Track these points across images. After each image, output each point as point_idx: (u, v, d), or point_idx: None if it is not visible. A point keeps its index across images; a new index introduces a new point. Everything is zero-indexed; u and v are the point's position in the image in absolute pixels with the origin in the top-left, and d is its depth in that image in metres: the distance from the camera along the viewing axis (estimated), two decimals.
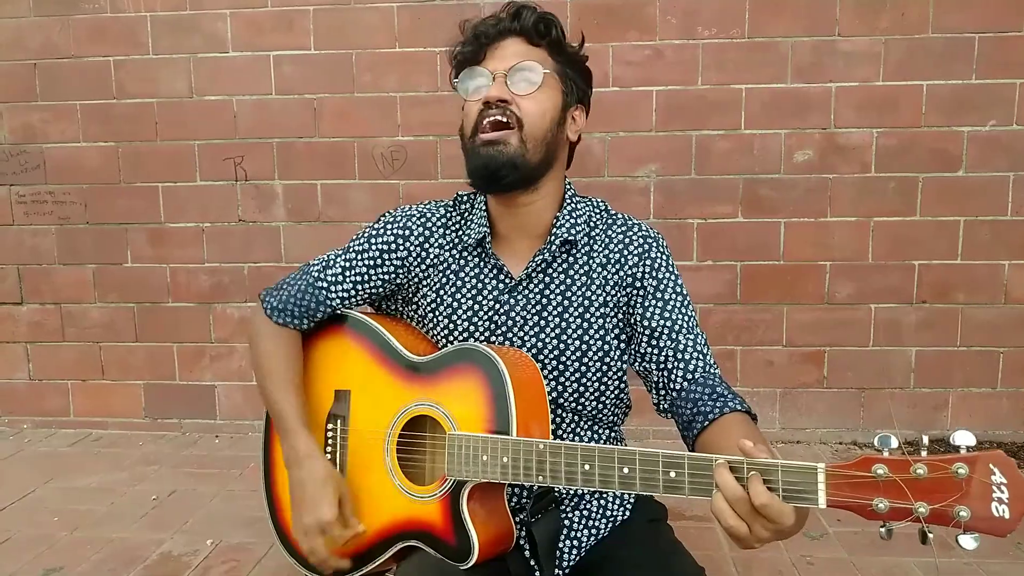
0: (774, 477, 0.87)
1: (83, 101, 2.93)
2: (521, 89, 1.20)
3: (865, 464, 0.83)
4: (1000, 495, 0.78)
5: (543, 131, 1.20)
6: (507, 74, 1.20)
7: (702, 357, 1.21)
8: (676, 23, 2.71)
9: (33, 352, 3.09)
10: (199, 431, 3.05)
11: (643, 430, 2.79)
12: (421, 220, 1.32)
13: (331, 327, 1.35)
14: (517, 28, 1.23)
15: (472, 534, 1.11)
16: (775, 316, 2.81)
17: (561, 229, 1.25)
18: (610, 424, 1.33)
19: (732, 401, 1.16)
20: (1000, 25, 2.62)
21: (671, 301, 1.23)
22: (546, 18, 1.24)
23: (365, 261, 1.31)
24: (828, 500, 0.85)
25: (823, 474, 0.85)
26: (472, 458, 1.10)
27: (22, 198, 3.00)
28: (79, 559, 2.05)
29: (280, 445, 1.40)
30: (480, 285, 1.27)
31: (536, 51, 1.23)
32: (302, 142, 2.89)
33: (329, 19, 2.81)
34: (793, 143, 2.73)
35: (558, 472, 1.04)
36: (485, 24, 1.25)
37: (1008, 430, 2.80)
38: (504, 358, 1.14)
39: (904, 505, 0.81)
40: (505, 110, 1.19)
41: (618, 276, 1.25)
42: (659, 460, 0.96)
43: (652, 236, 1.29)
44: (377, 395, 1.25)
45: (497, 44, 1.23)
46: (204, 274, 2.98)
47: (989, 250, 2.73)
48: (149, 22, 2.87)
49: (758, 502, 0.86)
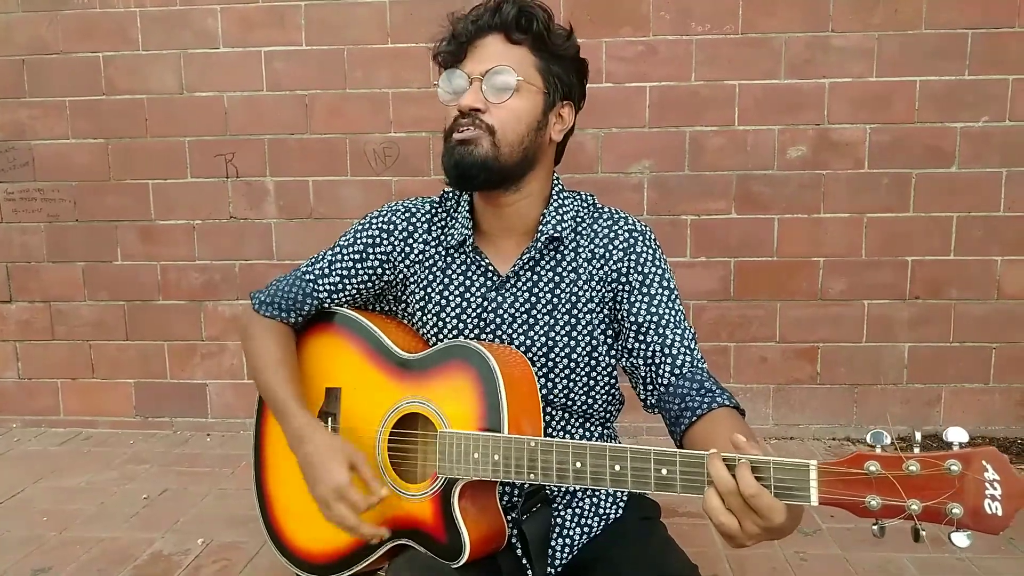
0: (766, 474, 0.87)
1: (72, 97, 2.91)
2: (494, 96, 1.17)
3: (857, 461, 0.82)
4: (993, 492, 0.78)
5: (518, 136, 1.18)
6: (482, 78, 1.17)
7: (689, 352, 1.20)
8: (669, 19, 2.70)
9: (22, 351, 3.07)
10: (190, 430, 3.03)
11: (636, 426, 2.79)
12: (405, 215, 1.31)
13: (321, 325, 1.35)
14: (497, 23, 1.18)
15: (463, 532, 1.10)
16: (768, 312, 2.81)
17: (547, 226, 1.24)
18: (602, 421, 1.32)
19: (720, 396, 1.14)
20: (993, 21, 2.62)
21: (657, 295, 1.22)
22: (527, 11, 1.18)
23: (351, 255, 1.31)
24: (820, 497, 0.84)
25: (815, 471, 0.85)
26: (463, 456, 1.09)
27: (11, 195, 2.98)
28: (69, 559, 2.03)
29: (269, 440, 1.39)
30: (468, 283, 1.27)
31: (515, 50, 1.19)
32: (294, 138, 2.88)
33: (321, 14, 2.80)
34: (786, 139, 2.73)
35: (549, 470, 1.03)
36: (465, 20, 1.20)
37: (1001, 425, 2.80)
38: (495, 355, 1.13)
39: (897, 502, 0.80)
40: (475, 119, 1.17)
41: (604, 271, 1.24)
42: (651, 457, 0.95)
43: (639, 229, 1.27)
44: (368, 393, 1.24)
45: (476, 42, 1.20)
46: (195, 272, 2.96)
47: (982, 246, 2.73)
48: (139, 18, 2.84)
49: (747, 492, 0.85)
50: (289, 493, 1.33)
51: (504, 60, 1.17)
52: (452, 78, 1.20)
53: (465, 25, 1.20)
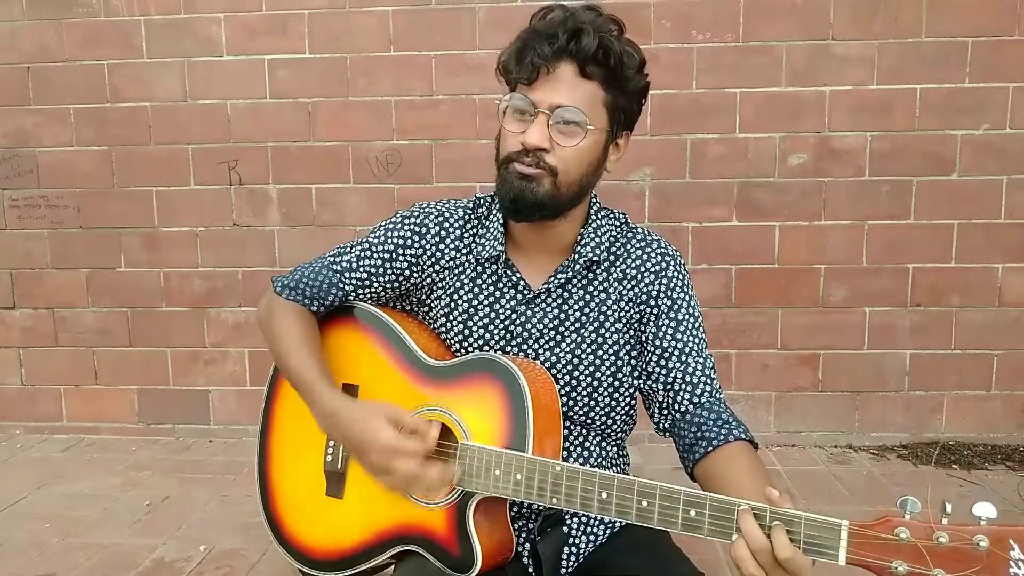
0: (796, 529, 0.88)
1: (77, 105, 2.92)
2: (560, 137, 1.13)
3: (887, 526, 0.84)
4: (1018, 571, 0.80)
5: (579, 175, 1.17)
6: (551, 114, 1.12)
7: (710, 381, 1.20)
8: (671, 27, 2.71)
9: (26, 357, 3.08)
10: (193, 436, 3.03)
11: (639, 433, 2.78)
12: (439, 219, 1.29)
13: (343, 318, 1.32)
14: (573, 52, 1.12)
15: (476, 547, 1.09)
16: (770, 319, 2.82)
17: (586, 248, 1.23)
18: (617, 440, 1.32)
19: (737, 429, 1.15)
20: (993, 29, 2.64)
21: (684, 322, 1.22)
22: (606, 46, 1.12)
23: (380, 254, 1.29)
24: (848, 558, 0.86)
25: (846, 531, 0.86)
26: (483, 471, 1.08)
27: (15, 202, 2.99)
28: (71, 566, 2.03)
29: (276, 432, 1.36)
30: (498, 294, 1.25)
31: (587, 85, 1.13)
32: (296, 146, 2.89)
33: (324, 23, 2.81)
34: (787, 146, 2.74)
35: (573, 496, 1.03)
36: (541, 41, 1.12)
37: (1002, 433, 2.80)
38: (525, 373, 1.11)
39: (923, 571, 0.82)
40: (539, 159, 1.14)
41: (633, 292, 1.24)
42: (680, 498, 0.95)
43: (670, 254, 1.28)
44: (387, 393, 1.22)
45: (549, 67, 1.12)
46: (198, 278, 2.97)
47: (983, 253, 2.74)
48: (143, 26, 2.86)
49: (781, 556, 0.86)
50: (297, 487, 1.31)
51: (575, 96, 1.13)
52: (519, 100, 1.15)
53: (540, 49, 1.12)
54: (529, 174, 1.14)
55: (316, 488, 1.28)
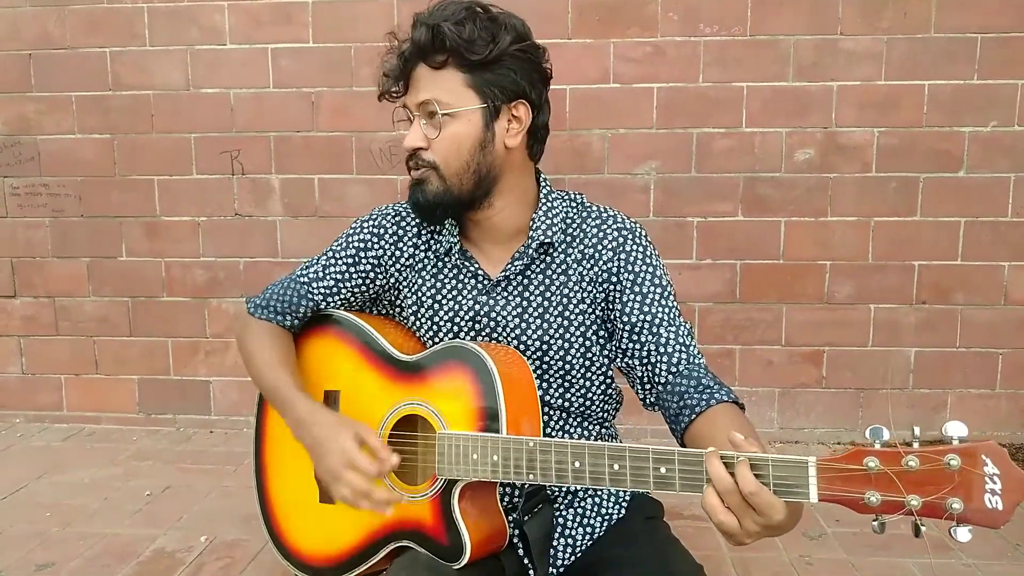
0: (765, 472, 0.86)
1: (78, 92, 2.91)
2: (431, 131, 1.17)
3: (856, 457, 0.82)
4: (993, 486, 0.77)
5: (462, 162, 1.17)
6: (417, 114, 1.19)
7: (685, 348, 1.19)
8: (678, 20, 2.69)
9: (26, 346, 3.07)
10: (194, 426, 3.02)
11: (640, 429, 2.78)
12: (395, 219, 1.32)
13: (320, 328, 1.35)
14: (416, 52, 1.17)
15: (464, 534, 1.10)
16: (774, 315, 2.80)
17: (537, 232, 1.23)
18: (600, 420, 1.32)
19: (718, 392, 1.14)
20: (1002, 25, 2.61)
21: (650, 294, 1.21)
22: (437, 31, 1.13)
23: (344, 259, 1.32)
24: (819, 494, 0.84)
25: (814, 467, 0.84)
26: (462, 457, 1.09)
27: (16, 190, 2.98)
28: (72, 555, 2.03)
29: (270, 442, 1.38)
30: (460, 286, 1.27)
31: (440, 75, 1.16)
32: (299, 136, 2.87)
33: (328, 12, 2.79)
34: (794, 142, 2.72)
35: (548, 470, 1.03)
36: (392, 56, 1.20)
37: (1007, 431, 2.79)
38: (493, 355, 1.13)
39: (896, 498, 0.80)
40: (419, 160, 1.19)
41: (594, 272, 1.23)
42: (649, 456, 0.95)
43: (627, 227, 1.26)
44: (367, 395, 1.24)
45: (409, 75, 1.20)
46: (200, 268, 2.96)
47: (989, 251, 2.72)
48: (146, 13, 2.84)
49: (746, 490, 0.85)
50: (291, 495, 1.33)
51: (433, 89, 1.16)
52: (402, 112, 1.22)
53: (392, 64, 1.20)
54: (416, 177, 1.20)
55: (310, 495, 1.29)
